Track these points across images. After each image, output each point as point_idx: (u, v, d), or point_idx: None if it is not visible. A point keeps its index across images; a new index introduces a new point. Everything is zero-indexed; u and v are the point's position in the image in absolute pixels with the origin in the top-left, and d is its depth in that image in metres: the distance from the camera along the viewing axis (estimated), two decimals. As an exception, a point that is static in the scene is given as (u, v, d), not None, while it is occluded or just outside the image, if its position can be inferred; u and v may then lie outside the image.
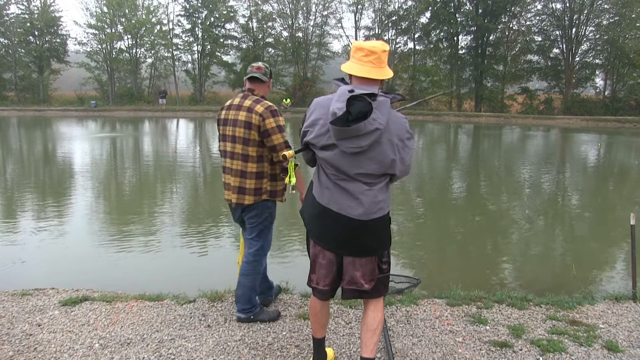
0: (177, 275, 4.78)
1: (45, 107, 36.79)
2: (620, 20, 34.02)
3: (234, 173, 3.15)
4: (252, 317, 3.29)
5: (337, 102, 2.13)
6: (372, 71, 2.18)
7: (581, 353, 2.90)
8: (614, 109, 33.91)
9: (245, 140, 3.10)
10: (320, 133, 2.22)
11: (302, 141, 2.36)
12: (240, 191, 3.14)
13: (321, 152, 2.25)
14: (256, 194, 3.13)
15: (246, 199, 3.13)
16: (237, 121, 3.12)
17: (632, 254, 3.80)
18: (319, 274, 2.41)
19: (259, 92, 3.19)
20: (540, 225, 7.25)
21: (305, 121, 2.34)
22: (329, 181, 2.28)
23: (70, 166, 12.26)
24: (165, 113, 34.33)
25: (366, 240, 2.28)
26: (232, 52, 43.62)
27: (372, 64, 2.18)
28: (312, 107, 2.33)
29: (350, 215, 2.23)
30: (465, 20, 37.95)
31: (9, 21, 40.81)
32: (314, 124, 2.26)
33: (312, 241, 2.43)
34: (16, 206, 7.88)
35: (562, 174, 12.26)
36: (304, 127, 2.33)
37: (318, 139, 2.23)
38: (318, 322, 2.54)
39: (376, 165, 2.19)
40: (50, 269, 4.96)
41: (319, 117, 2.24)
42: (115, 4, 39.23)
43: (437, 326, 3.25)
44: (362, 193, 2.22)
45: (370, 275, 2.34)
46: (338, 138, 2.13)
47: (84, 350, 2.88)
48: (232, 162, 3.17)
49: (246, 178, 3.12)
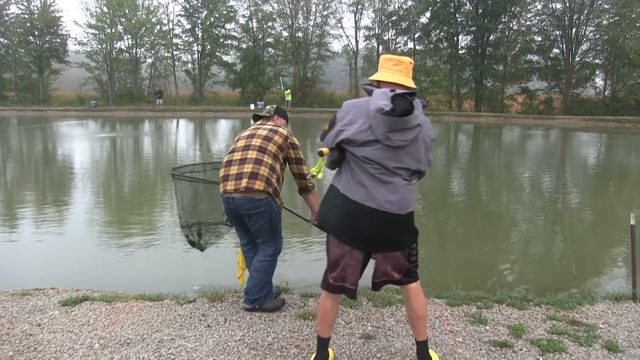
0: (177, 275, 4.78)
1: (45, 107, 36.78)
2: (620, 20, 33.97)
3: (248, 161, 3.18)
4: (257, 307, 3.37)
5: (380, 100, 2.28)
6: (402, 78, 2.42)
7: (581, 353, 2.90)
8: (614, 109, 33.88)
9: (268, 137, 3.27)
10: (360, 130, 2.33)
11: (332, 142, 2.43)
12: (252, 176, 3.13)
13: (360, 149, 2.35)
14: (267, 183, 3.16)
15: (257, 184, 3.12)
16: (260, 128, 3.36)
17: (632, 254, 3.79)
18: (346, 273, 2.45)
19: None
20: (540, 225, 7.25)
21: (337, 122, 2.44)
22: (367, 178, 2.35)
23: (70, 166, 12.25)
24: (165, 113, 34.32)
25: (400, 234, 2.43)
26: (232, 52, 43.62)
27: (401, 72, 2.44)
28: (345, 108, 2.45)
29: (389, 210, 2.34)
30: (465, 20, 37.91)
31: (9, 21, 40.79)
32: (352, 122, 2.37)
33: (336, 241, 2.45)
34: (16, 206, 7.88)
35: (562, 173, 12.26)
36: (339, 127, 2.41)
37: (359, 136, 2.33)
38: (326, 322, 2.58)
39: (413, 161, 2.38)
40: (50, 269, 4.96)
41: (357, 117, 2.36)
42: (115, 4, 39.20)
43: (437, 326, 3.25)
44: (402, 187, 2.37)
45: (401, 268, 2.51)
46: (389, 130, 2.28)
47: (84, 350, 2.88)
48: (246, 153, 3.22)
49: (261, 165, 3.18)
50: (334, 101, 40.66)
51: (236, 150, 3.28)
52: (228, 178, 3.19)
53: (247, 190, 3.12)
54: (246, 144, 3.27)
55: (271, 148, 3.25)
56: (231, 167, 3.22)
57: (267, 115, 3.58)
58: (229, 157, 3.30)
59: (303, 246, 5.87)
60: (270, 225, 3.25)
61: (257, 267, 3.35)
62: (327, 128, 2.48)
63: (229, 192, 3.17)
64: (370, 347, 2.95)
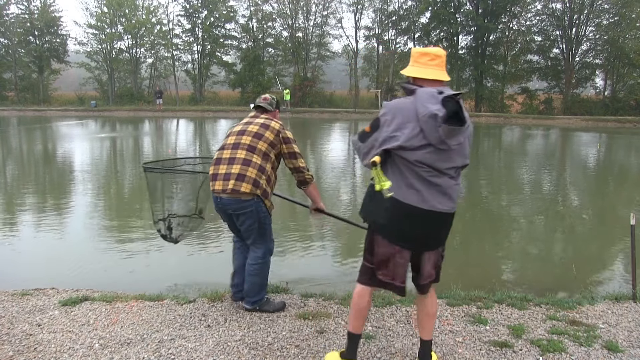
0: (177, 275, 4.78)
1: (45, 107, 36.77)
2: (620, 20, 33.97)
3: (237, 161, 3.12)
4: (257, 308, 3.36)
5: (429, 103, 2.23)
6: (440, 74, 2.37)
7: (581, 353, 2.90)
8: (614, 109, 33.87)
9: (258, 134, 3.19)
10: (412, 135, 2.27)
11: (379, 147, 2.34)
12: (240, 178, 3.08)
13: (412, 154, 2.29)
14: (254, 185, 3.10)
15: (243, 186, 3.07)
16: (251, 122, 3.26)
17: (632, 254, 3.79)
18: (396, 272, 2.45)
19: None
20: (540, 225, 7.25)
21: (383, 126, 2.34)
22: (417, 181, 2.32)
23: (70, 166, 12.25)
24: (165, 113, 34.32)
25: (444, 232, 2.48)
26: (232, 52, 43.62)
27: (438, 67, 2.37)
28: (389, 112, 2.35)
29: (440, 210, 2.35)
30: (465, 20, 37.91)
31: (9, 21, 40.78)
32: (402, 127, 2.29)
33: (386, 242, 2.42)
34: (16, 206, 7.88)
35: (562, 173, 12.26)
36: (388, 133, 2.31)
37: (411, 142, 2.27)
38: (363, 316, 2.59)
39: (462, 159, 2.38)
40: (50, 269, 4.96)
41: (406, 121, 2.29)
42: (115, 4, 39.21)
43: (437, 326, 3.24)
44: (451, 187, 2.37)
45: (437, 265, 2.55)
46: (449, 137, 2.25)
47: (84, 350, 2.88)
48: (235, 152, 3.15)
49: (249, 166, 3.11)
50: (334, 101, 40.67)
51: (225, 148, 3.21)
52: (217, 177, 3.16)
53: (234, 192, 3.09)
54: (236, 141, 3.19)
55: (261, 146, 3.17)
56: (220, 165, 3.18)
57: (268, 108, 3.43)
58: (218, 154, 3.24)
59: (303, 246, 5.87)
60: (258, 227, 3.20)
61: (249, 271, 3.33)
62: (369, 129, 2.40)
63: (217, 192, 3.16)
64: (370, 347, 2.95)
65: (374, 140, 2.37)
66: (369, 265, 2.52)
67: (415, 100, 2.29)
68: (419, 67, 2.38)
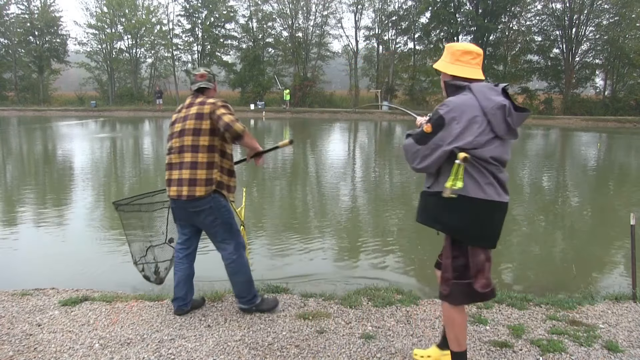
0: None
1: (45, 107, 36.81)
2: (620, 20, 33.97)
3: (185, 166, 3.12)
4: (253, 308, 3.35)
5: (492, 96, 2.28)
6: (481, 73, 2.41)
7: (581, 353, 2.90)
8: (614, 109, 33.87)
9: (196, 130, 3.11)
10: (481, 131, 2.25)
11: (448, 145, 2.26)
12: (191, 183, 3.10)
13: (485, 151, 2.26)
14: (207, 184, 3.11)
15: (197, 190, 3.09)
16: (187, 116, 3.17)
17: (632, 254, 3.79)
18: (489, 275, 2.41)
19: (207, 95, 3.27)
20: (540, 225, 7.25)
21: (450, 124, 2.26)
22: (492, 177, 2.31)
23: (70, 166, 12.26)
24: (165, 113, 34.30)
25: None
26: (232, 52, 43.66)
27: (478, 65, 2.40)
28: (456, 109, 2.27)
29: (506, 200, 2.39)
30: (465, 20, 37.92)
31: (9, 21, 40.83)
32: (472, 123, 2.25)
33: (478, 250, 2.36)
34: (16, 206, 7.88)
35: (562, 173, 12.26)
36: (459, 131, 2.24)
37: (480, 138, 2.25)
38: (466, 331, 2.52)
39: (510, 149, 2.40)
40: (50, 269, 4.96)
41: (473, 117, 2.26)
42: (115, 4, 39.24)
43: (437, 326, 3.24)
44: (507, 180, 2.40)
45: None
46: (518, 124, 2.31)
47: (84, 350, 2.88)
48: (181, 156, 3.15)
49: (197, 169, 3.10)
50: (334, 101, 40.66)
51: (173, 152, 3.20)
52: (171, 183, 3.20)
53: (190, 197, 3.12)
54: (180, 143, 3.17)
55: (203, 142, 3.11)
56: (172, 171, 3.20)
57: (209, 86, 3.28)
58: (168, 158, 3.25)
59: (303, 246, 5.86)
60: (222, 221, 3.19)
61: (229, 272, 3.31)
62: (430, 130, 2.30)
63: (173, 197, 3.19)
64: (370, 347, 2.94)
65: (440, 140, 2.27)
66: (465, 281, 2.38)
67: (476, 95, 2.29)
68: (463, 65, 2.38)
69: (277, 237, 6.26)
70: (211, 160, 3.13)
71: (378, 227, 6.82)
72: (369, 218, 7.41)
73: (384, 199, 8.86)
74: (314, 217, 7.39)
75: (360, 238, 6.30)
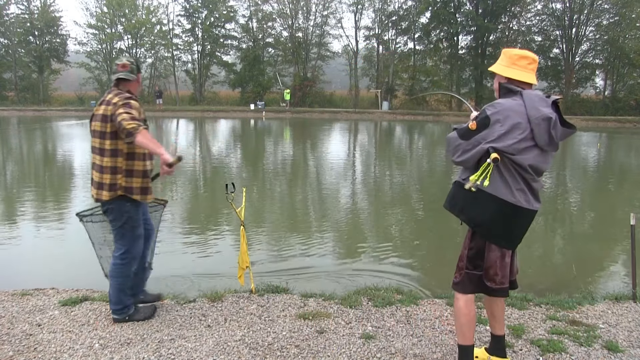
0: (177, 275, 4.78)
1: (45, 107, 36.78)
2: (620, 20, 34.00)
3: (96, 168, 3.15)
4: (127, 318, 3.27)
5: (541, 106, 2.31)
6: (534, 78, 2.44)
7: (581, 353, 2.90)
8: (614, 109, 33.89)
9: (102, 133, 3.08)
10: (522, 138, 2.31)
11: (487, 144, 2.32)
12: (99, 186, 3.12)
13: (524, 158, 2.32)
14: (111, 189, 3.10)
15: (103, 195, 3.11)
16: (97, 116, 3.11)
17: (632, 254, 3.79)
18: (504, 273, 2.48)
19: (124, 88, 3.17)
20: (541, 225, 7.25)
21: (494, 124, 2.32)
22: (524, 183, 2.38)
23: (70, 166, 12.26)
24: (165, 113, 34.32)
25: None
26: (232, 52, 43.63)
27: (533, 71, 2.44)
28: (502, 111, 2.33)
29: (536, 208, 2.47)
30: (465, 20, 37.92)
31: (9, 21, 40.80)
32: (515, 128, 2.30)
33: (494, 246, 2.46)
34: (16, 206, 7.88)
35: (562, 173, 12.25)
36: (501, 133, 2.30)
37: (519, 144, 2.31)
38: (474, 326, 2.58)
39: (551, 159, 2.46)
40: (50, 269, 4.96)
41: (517, 122, 2.30)
42: (115, 4, 39.24)
43: (437, 326, 3.24)
44: (540, 189, 2.48)
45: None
46: (562, 139, 2.36)
47: (84, 350, 2.88)
48: (94, 157, 3.16)
49: (103, 173, 3.10)
50: (334, 101, 40.66)
51: (92, 151, 3.20)
52: (91, 183, 3.23)
53: (99, 200, 3.16)
54: (92, 144, 3.18)
55: (108, 145, 3.07)
56: (92, 170, 3.21)
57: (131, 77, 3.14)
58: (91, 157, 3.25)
59: (303, 246, 5.86)
60: (120, 225, 3.18)
61: (110, 272, 3.31)
62: (475, 127, 2.37)
63: (92, 195, 3.23)
64: (370, 347, 2.94)
65: (481, 139, 2.35)
66: (476, 273, 2.50)
67: (525, 102, 2.32)
68: (519, 70, 2.41)
69: (277, 237, 6.26)
70: (114, 164, 3.08)
71: (378, 227, 6.83)
72: (369, 218, 7.41)
73: (384, 199, 8.87)
74: (314, 217, 7.40)
75: (360, 238, 6.30)
